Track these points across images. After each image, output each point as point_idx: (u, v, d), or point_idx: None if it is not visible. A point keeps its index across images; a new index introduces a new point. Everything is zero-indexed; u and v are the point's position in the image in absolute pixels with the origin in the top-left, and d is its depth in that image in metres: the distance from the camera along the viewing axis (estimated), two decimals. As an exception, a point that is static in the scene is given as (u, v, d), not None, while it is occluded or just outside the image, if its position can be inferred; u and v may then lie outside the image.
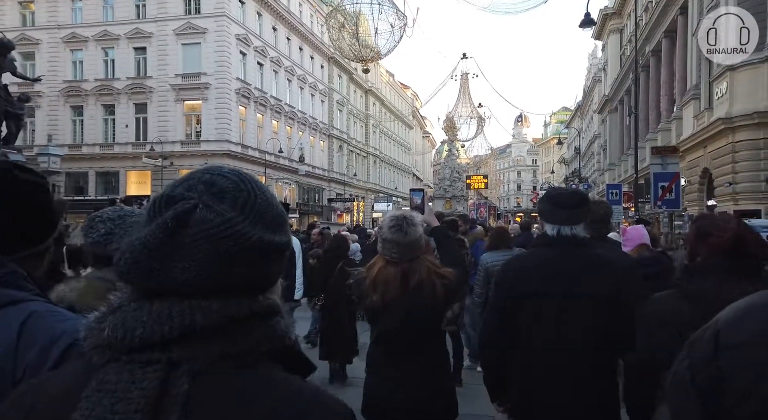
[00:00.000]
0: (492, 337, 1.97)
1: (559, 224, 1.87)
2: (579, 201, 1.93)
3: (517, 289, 1.86)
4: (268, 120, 31.74)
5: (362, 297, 2.07)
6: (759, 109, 13.43)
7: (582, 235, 1.88)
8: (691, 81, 18.61)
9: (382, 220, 2.13)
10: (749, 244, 1.44)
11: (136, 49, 27.99)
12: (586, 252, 1.86)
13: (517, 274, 1.94)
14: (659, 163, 9.26)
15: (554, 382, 1.77)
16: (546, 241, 1.92)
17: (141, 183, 28.04)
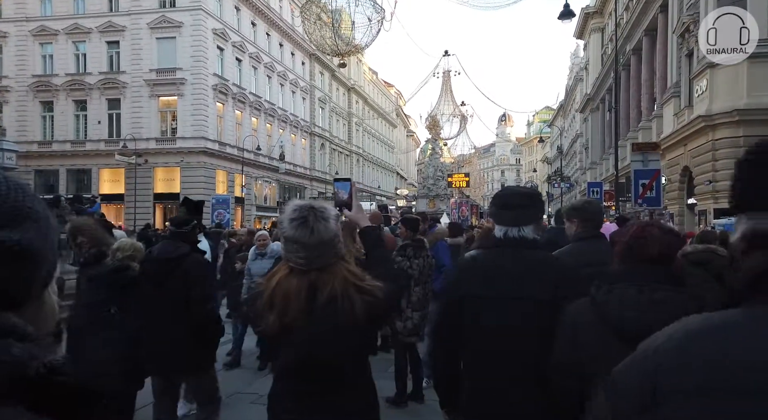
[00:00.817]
0: (439, 339, 1.91)
1: (507, 225, 1.82)
2: (527, 201, 1.85)
3: (460, 291, 1.81)
4: (247, 117, 31.07)
5: (257, 318, 1.56)
6: (739, 107, 13.34)
7: (531, 237, 1.81)
8: (672, 79, 18.56)
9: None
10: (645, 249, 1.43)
11: (109, 43, 27.10)
12: (533, 254, 1.80)
13: (461, 275, 1.88)
14: (640, 159, 9.01)
15: (498, 389, 1.72)
16: (493, 243, 1.86)
17: (114, 181, 27.18)
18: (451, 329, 1.82)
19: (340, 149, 47.40)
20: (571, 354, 1.45)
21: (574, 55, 52.41)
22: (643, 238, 1.46)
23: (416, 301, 3.78)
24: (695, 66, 15.70)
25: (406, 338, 3.74)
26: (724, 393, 0.58)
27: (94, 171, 27.19)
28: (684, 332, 0.66)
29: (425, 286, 3.90)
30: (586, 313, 1.46)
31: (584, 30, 40.34)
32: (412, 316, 3.75)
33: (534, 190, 2.18)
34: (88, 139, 27.31)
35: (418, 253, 3.84)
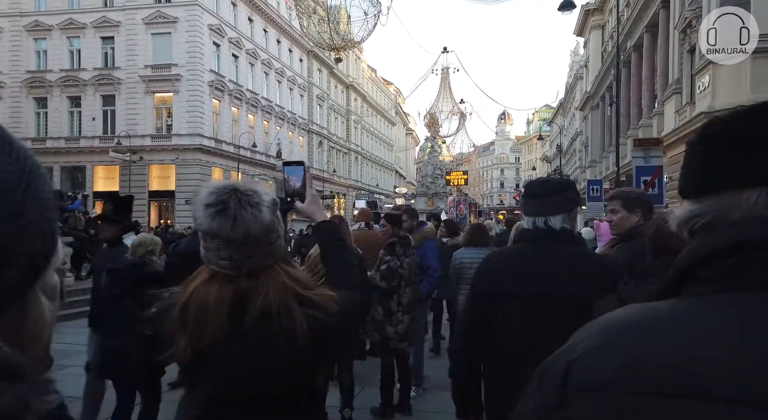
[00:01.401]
0: (465, 339, 1.79)
1: (532, 216, 1.73)
2: (552, 189, 1.75)
3: (491, 287, 1.72)
4: (243, 114, 30.77)
5: (166, 341, 1.16)
6: (742, 103, 12.68)
7: (559, 227, 1.70)
8: (673, 75, 18.29)
9: None
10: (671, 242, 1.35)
11: (104, 39, 26.78)
12: (565, 248, 1.69)
13: (492, 270, 1.78)
14: (641, 156, 8.70)
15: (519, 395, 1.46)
16: (524, 236, 1.76)
17: (109, 178, 26.88)
18: (480, 329, 1.73)
19: (338, 147, 47.10)
20: None
21: (574, 52, 52.10)
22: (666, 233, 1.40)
23: (407, 303, 3.50)
24: (697, 62, 15.42)
25: (398, 344, 3.45)
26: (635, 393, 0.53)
27: (89, 168, 26.89)
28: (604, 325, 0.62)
29: (414, 287, 3.61)
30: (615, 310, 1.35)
31: (584, 27, 40.05)
32: (402, 319, 3.44)
33: (566, 179, 2.02)
34: (82, 136, 27.01)
35: (408, 251, 3.53)
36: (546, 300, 1.62)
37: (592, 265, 1.67)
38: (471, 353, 1.77)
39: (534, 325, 1.61)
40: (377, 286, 3.37)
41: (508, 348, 1.67)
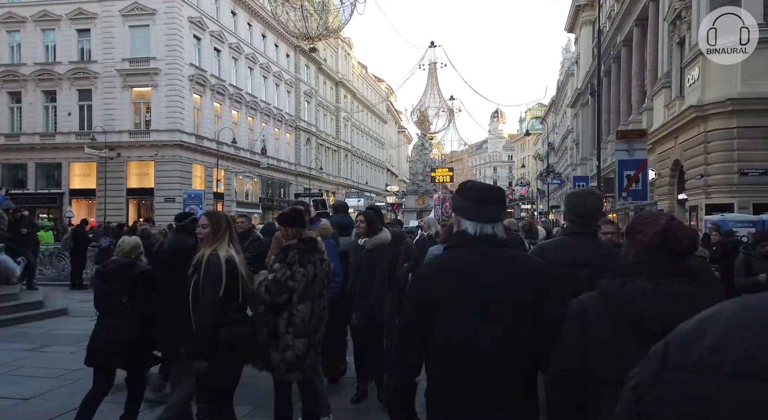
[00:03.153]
0: (404, 353, 1.73)
1: (482, 222, 1.70)
2: (502, 196, 1.81)
3: (433, 295, 1.65)
4: (226, 110, 30.01)
5: None
6: (732, 96, 12.54)
7: (501, 235, 1.72)
8: (662, 69, 17.77)
9: None
10: (678, 241, 1.40)
11: (79, 31, 25.91)
12: (507, 253, 1.72)
13: (434, 278, 1.72)
14: (625, 149, 8.15)
15: (473, 399, 1.59)
16: (465, 241, 1.71)
17: (86, 175, 26.07)
18: (422, 340, 1.66)
19: (327, 144, 46.39)
20: (579, 355, 1.41)
21: (566, 49, 51.66)
22: (675, 231, 1.41)
23: (300, 323, 2.76)
24: (687, 54, 14.90)
25: (285, 375, 2.76)
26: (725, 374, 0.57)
27: (65, 165, 26.06)
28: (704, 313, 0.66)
29: (316, 303, 2.86)
30: (596, 310, 1.42)
31: (575, 23, 39.59)
32: (293, 344, 2.73)
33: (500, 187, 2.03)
34: (57, 132, 26.16)
35: (306, 258, 2.81)
36: (492, 305, 1.59)
37: (530, 268, 1.68)
38: (411, 367, 1.69)
39: (480, 333, 1.58)
40: (261, 299, 2.73)
41: (451, 358, 1.61)
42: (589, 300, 1.45)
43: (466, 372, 1.58)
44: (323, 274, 2.89)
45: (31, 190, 26.04)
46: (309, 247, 2.86)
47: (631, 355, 1.28)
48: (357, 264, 3.87)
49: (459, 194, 1.78)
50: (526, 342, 1.58)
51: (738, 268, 5.08)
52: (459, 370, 1.59)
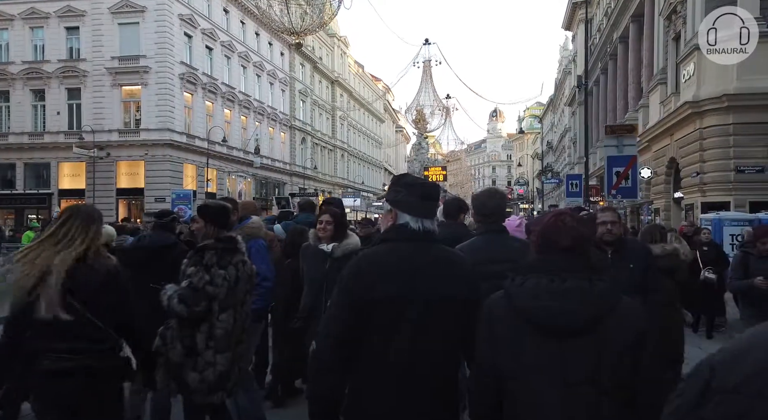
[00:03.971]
0: (333, 355, 1.57)
1: (423, 217, 1.67)
2: (440, 194, 1.82)
3: (368, 293, 1.56)
4: (219, 108, 29.65)
5: None
6: (729, 92, 12.20)
7: (434, 229, 1.70)
8: (658, 65, 17.44)
9: None
10: (560, 238, 1.42)
11: (68, 29, 25.53)
12: (444, 250, 1.70)
13: (369, 274, 1.61)
14: (614, 144, 7.81)
15: (409, 400, 1.53)
16: (408, 235, 1.64)
17: (75, 176, 25.72)
18: (353, 340, 1.57)
19: (323, 144, 46.03)
20: (489, 352, 1.44)
21: (563, 48, 51.34)
22: (556, 228, 1.45)
23: (222, 335, 2.37)
24: (682, 49, 14.57)
25: (207, 397, 2.35)
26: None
27: (53, 165, 25.70)
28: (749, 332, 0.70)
29: (239, 311, 2.47)
30: (500, 307, 1.45)
31: (572, 21, 39.27)
32: (215, 360, 2.34)
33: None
34: (46, 131, 25.79)
35: (226, 260, 2.43)
36: (434, 305, 1.56)
37: (465, 266, 1.68)
38: (340, 371, 1.59)
39: (418, 331, 1.55)
40: (174, 313, 2.34)
41: (388, 364, 1.55)
42: (495, 299, 1.48)
43: (403, 378, 1.51)
44: (246, 277, 2.52)
45: (19, 190, 25.70)
46: (228, 247, 2.47)
47: (530, 351, 1.36)
48: (319, 276, 3.15)
49: (403, 188, 1.70)
50: (459, 343, 1.57)
51: (734, 267, 4.59)
52: (395, 376, 1.52)
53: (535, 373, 1.34)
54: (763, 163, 11.86)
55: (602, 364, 1.31)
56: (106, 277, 2.07)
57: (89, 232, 2.08)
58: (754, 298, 4.19)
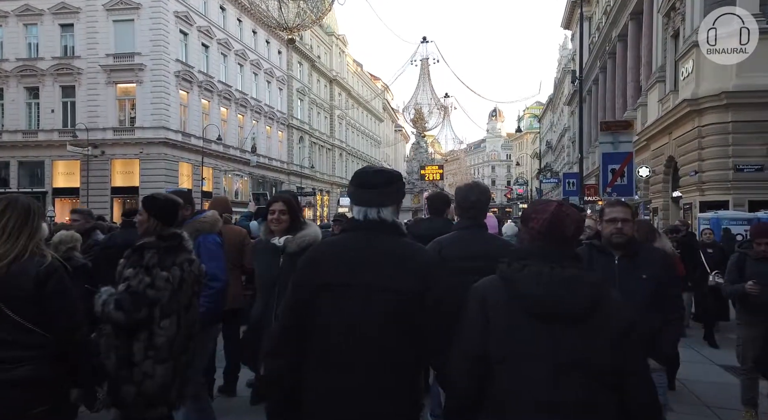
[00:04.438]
0: (282, 340, 1.64)
1: (366, 206, 1.67)
2: (387, 180, 1.71)
3: (316, 279, 1.60)
4: (215, 107, 29.45)
5: None
6: (727, 89, 12.00)
7: (391, 220, 1.67)
8: (656, 63, 17.25)
9: None
10: (566, 227, 1.47)
11: (63, 26, 25.34)
12: (394, 240, 1.65)
13: (317, 261, 1.66)
14: (609, 141, 7.61)
15: (351, 389, 1.53)
16: (353, 226, 1.70)
17: (69, 174, 25.52)
18: (303, 326, 1.60)
19: (321, 143, 45.82)
20: (483, 338, 1.44)
21: (563, 47, 51.16)
22: (562, 217, 1.48)
23: (164, 344, 2.15)
24: (681, 47, 14.37)
25: (145, 412, 2.13)
26: None
27: (48, 163, 25.51)
28: None
29: (183, 316, 2.22)
30: (495, 293, 1.47)
31: (571, 19, 39.06)
32: (154, 371, 2.12)
33: (396, 172, 1.89)
34: (40, 129, 25.59)
35: (170, 260, 2.21)
36: (375, 293, 1.56)
37: (416, 257, 1.64)
38: (289, 356, 1.63)
39: (360, 320, 1.55)
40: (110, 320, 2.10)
41: (331, 346, 1.57)
42: (489, 284, 1.50)
43: (344, 362, 1.54)
44: (192, 278, 2.28)
45: (13, 188, 25.48)
46: (171, 245, 2.25)
47: (525, 337, 1.39)
48: (270, 274, 2.58)
49: (350, 180, 1.76)
50: (406, 333, 1.55)
51: (729, 270, 4.23)
52: (337, 360, 1.54)
53: (527, 358, 1.37)
54: (763, 162, 11.67)
55: (594, 351, 1.36)
56: (43, 278, 1.86)
57: (26, 227, 1.88)
58: (748, 305, 3.88)
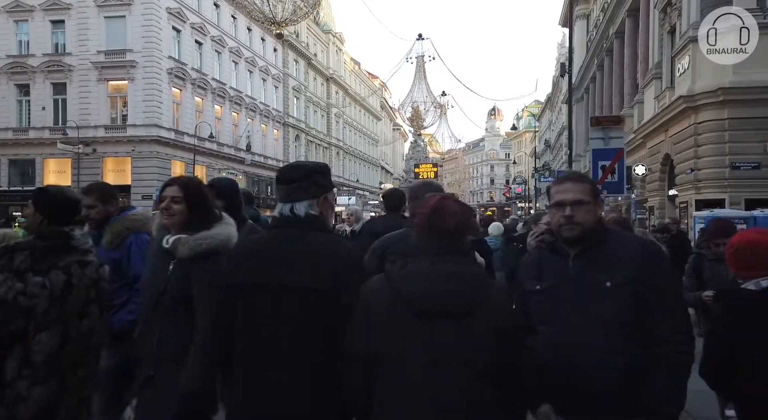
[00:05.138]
0: (211, 337, 1.67)
1: (282, 202, 1.67)
2: (302, 174, 1.67)
3: (232, 279, 1.61)
4: (209, 104, 29.17)
5: None
6: (724, 85, 11.75)
7: (304, 215, 1.62)
8: (653, 59, 16.99)
9: None
10: (444, 222, 1.44)
11: (54, 23, 25.07)
12: (310, 236, 1.62)
13: (238, 259, 1.65)
14: (600, 137, 7.35)
15: (271, 385, 1.52)
16: (272, 223, 1.77)
17: (60, 172, 25.25)
18: (228, 325, 1.59)
19: (317, 141, 45.55)
20: (364, 334, 1.44)
21: (561, 45, 50.89)
22: (441, 211, 1.46)
23: (43, 361, 1.81)
24: (677, 42, 14.12)
25: None
26: None
27: (38, 161, 25.26)
28: None
29: (74, 326, 1.88)
30: (381, 290, 1.45)
31: (570, 17, 38.75)
32: (29, 393, 1.79)
33: (317, 164, 1.81)
34: (31, 127, 25.33)
35: (48, 262, 1.86)
36: (287, 290, 1.55)
37: (330, 253, 1.59)
38: (215, 355, 1.65)
39: (276, 319, 1.54)
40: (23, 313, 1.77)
41: (251, 347, 1.56)
42: (375, 282, 1.48)
43: (261, 361, 1.53)
44: (87, 283, 1.96)
45: (4, 187, 25.24)
46: (52, 245, 1.93)
47: (407, 334, 1.37)
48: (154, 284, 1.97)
49: None
50: (323, 332, 1.53)
51: (687, 274, 3.63)
52: (255, 359, 1.53)
53: (411, 356, 1.36)
54: (759, 159, 11.43)
55: (475, 347, 1.35)
56: None
57: None
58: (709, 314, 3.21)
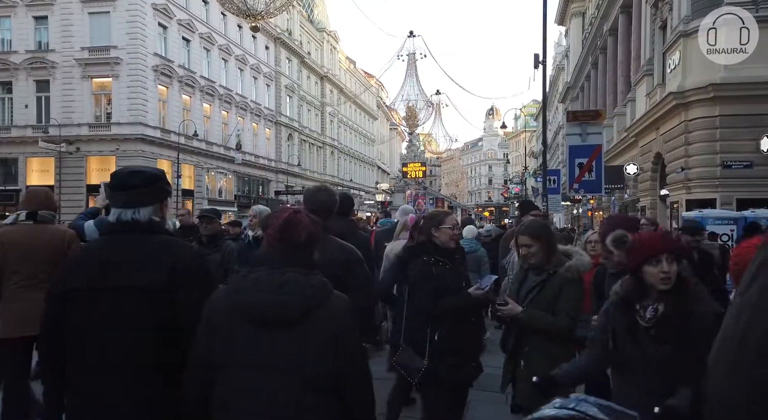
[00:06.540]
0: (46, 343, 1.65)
1: (120, 208, 1.65)
2: (143, 181, 1.68)
3: (68, 284, 1.59)
4: (197, 103, 28.70)
5: None
6: (715, 81, 11.29)
7: (146, 219, 1.65)
8: (645, 56, 16.54)
9: None
10: (295, 233, 1.48)
11: (36, 19, 24.60)
12: (149, 239, 1.64)
13: (71, 265, 1.69)
14: (577, 133, 6.88)
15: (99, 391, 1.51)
16: (108, 229, 1.70)
17: (44, 171, 24.80)
18: (57, 336, 1.57)
19: (311, 141, 45.07)
20: (206, 343, 1.44)
21: (558, 44, 50.43)
22: (294, 224, 1.49)
23: None
24: (668, 36, 13.67)
25: None
26: None
27: (21, 160, 24.78)
28: None
29: None
30: (221, 299, 1.47)
31: (565, 15, 38.38)
32: None
33: (158, 170, 1.85)
34: (13, 125, 24.86)
35: None
36: (122, 293, 1.54)
37: (167, 255, 1.61)
38: (50, 358, 1.62)
39: (111, 322, 1.53)
40: None
41: (85, 350, 1.54)
42: (220, 290, 1.51)
43: (97, 366, 1.51)
44: None
45: None
46: None
47: (244, 342, 1.39)
48: None
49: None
50: (156, 334, 1.53)
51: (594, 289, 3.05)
52: (91, 364, 1.52)
53: (247, 363, 1.37)
54: (752, 158, 10.98)
55: (308, 355, 1.37)
56: None
57: None
58: None
